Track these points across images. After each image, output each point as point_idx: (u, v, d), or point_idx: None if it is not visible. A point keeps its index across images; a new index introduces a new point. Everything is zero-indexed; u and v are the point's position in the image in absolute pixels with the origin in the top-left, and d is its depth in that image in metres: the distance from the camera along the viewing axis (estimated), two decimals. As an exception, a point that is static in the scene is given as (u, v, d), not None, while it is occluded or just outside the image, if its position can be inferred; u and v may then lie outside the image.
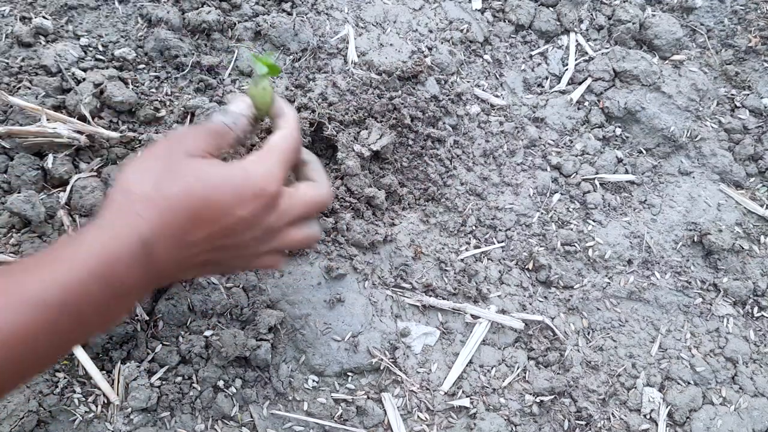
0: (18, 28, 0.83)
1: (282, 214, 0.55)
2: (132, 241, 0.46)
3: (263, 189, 0.52)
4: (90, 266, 0.44)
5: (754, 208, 0.85)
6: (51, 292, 0.43)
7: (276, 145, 0.56)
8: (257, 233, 0.53)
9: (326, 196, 0.59)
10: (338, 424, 0.66)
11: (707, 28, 0.95)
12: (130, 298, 0.48)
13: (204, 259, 0.52)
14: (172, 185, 0.48)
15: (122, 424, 0.64)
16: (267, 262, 0.58)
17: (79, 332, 0.46)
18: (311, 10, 0.89)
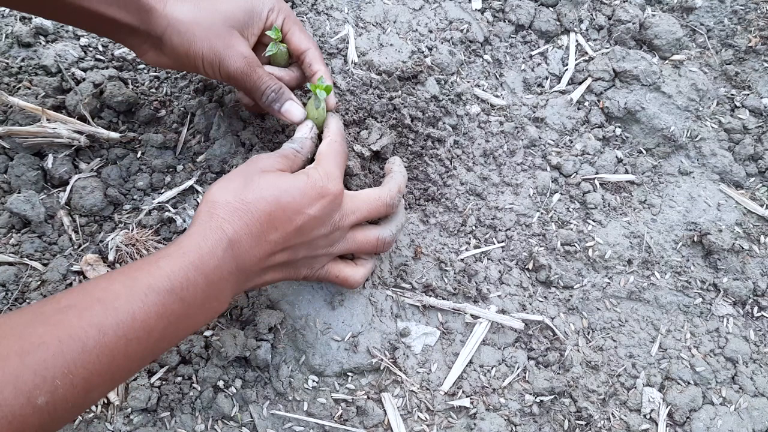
0: (18, 28, 0.83)
1: (347, 212, 0.62)
2: (221, 239, 0.53)
3: (325, 187, 0.59)
4: (190, 259, 0.52)
5: (754, 208, 0.85)
6: (160, 280, 0.49)
7: (325, 151, 0.64)
8: (325, 230, 0.60)
9: (386, 196, 0.65)
10: (338, 424, 0.66)
11: (707, 28, 0.95)
12: (224, 292, 0.54)
13: (282, 260, 0.59)
14: (249, 194, 0.56)
15: (122, 425, 0.64)
16: (336, 271, 0.64)
17: (186, 320, 0.51)
18: (311, 10, 0.89)
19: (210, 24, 0.63)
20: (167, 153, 0.78)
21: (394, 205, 0.66)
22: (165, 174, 0.77)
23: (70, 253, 0.72)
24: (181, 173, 0.77)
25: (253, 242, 0.55)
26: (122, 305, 0.47)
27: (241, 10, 0.65)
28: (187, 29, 0.63)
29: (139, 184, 0.76)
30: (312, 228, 0.59)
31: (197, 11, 0.63)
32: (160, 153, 0.78)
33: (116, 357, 0.46)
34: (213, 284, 0.52)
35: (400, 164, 0.72)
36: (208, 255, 0.53)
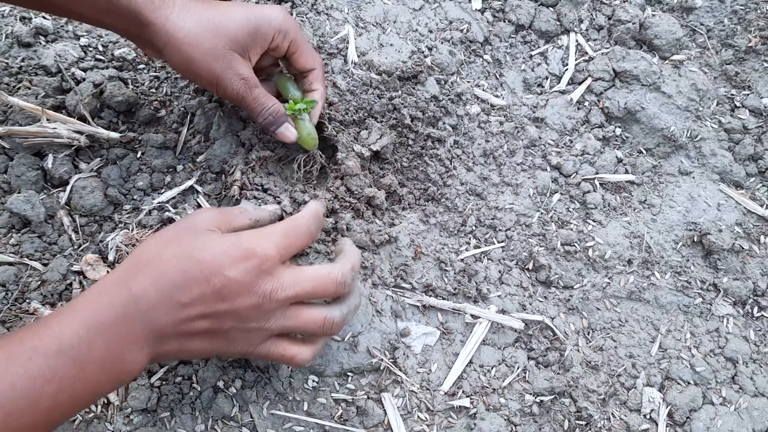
0: (18, 28, 0.83)
1: (284, 284, 0.54)
2: (121, 294, 0.49)
3: (251, 250, 0.53)
4: (83, 316, 0.48)
5: (754, 208, 0.85)
6: (47, 341, 0.45)
7: (279, 223, 0.58)
8: (253, 300, 0.53)
9: (337, 273, 0.57)
10: (338, 424, 0.66)
11: (707, 28, 0.94)
12: (130, 352, 0.49)
13: (205, 328, 0.52)
14: (166, 250, 0.52)
15: (122, 425, 0.64)
16: (280, 350, 0.57)
17: (82, 384, 0.47)
18: (311, 10, 0.89)
19: (210, 46, 0.62)
20: (167, 153, 0.78)
21: (346, 284, 0.57)
22: (165, 174, 0.77)
23: (70, 253, 0.72)
24: (181, 173, 0.77)
25: (164, 301, 0.50)
26: (3, 367, 0.43)
27: (244, 32, 0.64)
28: (187, 49, 0.62)
29: (139, 184, 0.76)
30: (235, 293, 0.52)
31: (198, 30, 0.62)
32: (160, 153, 0.78)
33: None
34: (113, 342, 0.48)
35: (352, 244, 0.64)
36: (105, 310, 0.48)
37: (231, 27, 0.63)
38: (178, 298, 0.50)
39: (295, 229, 0.58)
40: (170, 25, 0.61)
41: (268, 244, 0.54)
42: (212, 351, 0.55)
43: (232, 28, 0.63)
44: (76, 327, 0.47)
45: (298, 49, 0.68)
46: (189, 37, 0.61)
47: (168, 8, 0.61)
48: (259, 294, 0.53)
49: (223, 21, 0.63)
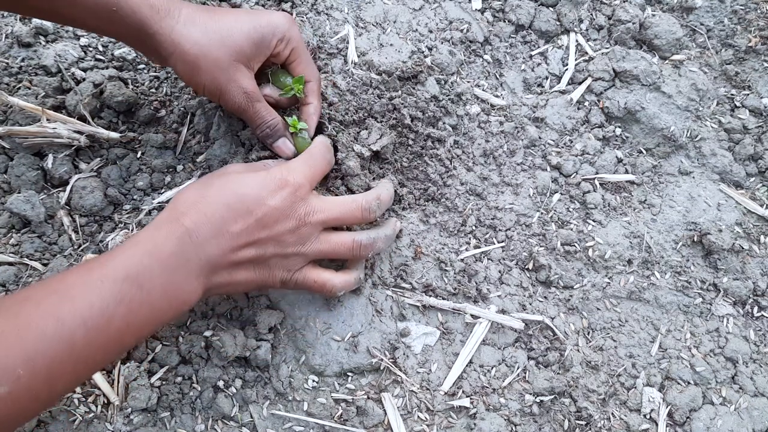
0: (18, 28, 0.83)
1: (315, 209, 0.61)
2: (176, 228, 0.54)
3: (284, 179, 0.59)
4: (144, 247, 0.52)
5: (754, 208, 0.85)
6: (113, 269, 0.50)
7: (299, 157, 0.65)
8: (291, 224, 0.59)
9: (362, 200, 0.64)
10: (338, 424, 0.66)
11: (707, 28, 0.94)
12: (188, 281, 0.54)
13: (251, 256, 0.58)
14: (208, 189, 0.58)
15: (122, 425, 0.64)
16: (314, 275, 0.63)
17: (148, 308, 0.51)
18: (311, 10, 0.89)
19: (215, 57, 0.63)
20: (167, 153, 0.78)
21: (371, 209, 0.65)
22: (165, 174, 0.77)
23: (70, 253, 0.72)
24: (181, 173, 0.77)
25: (214, 233, 0.55)
26: (78, 294, 0.47)
27: (249, 42, 0.64)
28: (192, 60, 0.63)
29: (139, 184, 0.76)
30: (275, 220, 0.58)
31: (204, 41, 0.63)
32: (160, 153, 0.78)
33: (76, 345, 0.46)
34: (172, 271, 0.52)
35: (387, 182, 0.71)
36: (163, 242, 0.53)
37: (236, 37, 0.64)
38: (226, 229, 0.56)
39: (313, 159, 0.65)
40: (176, 36, 0.62)
41: (297, 173, 0.61)
42: (256, 281, 0.60)
43: (238, 38, 0.64)
44: (139, 256, 0.52)
45: (297, 59, 0.69)
46: (195, 48, 0.62)
47: (173, 18, 0.62)
48: (295, 218, 0.59)
49: (229, 31, 0.64)
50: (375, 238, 0.66)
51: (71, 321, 0.46)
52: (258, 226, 0.57)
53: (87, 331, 0.46)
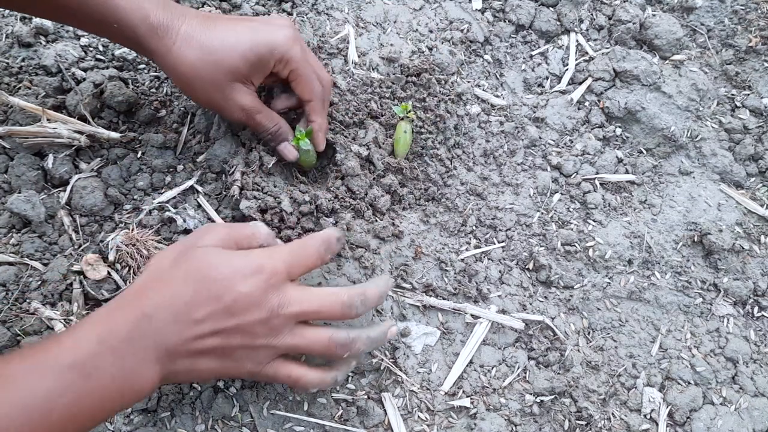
0: (18, 28, 0.83)
1: (291, 300, 0.55)
2: (134, 312, 0.51)
3: (261, 266, 0.54)
4: (96, 332, 0.49)
5: (754, 208, 0.85)
6: (61, 355, 0.47)
7: (289, 243, 0.60)
8: (261, 314, 0.53)
9: (344, 295, 0.57)
10: (338, 424, 0.66)
11: (707, 28, 0.94)
12: (142, 371, 0.50)
13: (215, 345, 0.53)
14: (178, 268, 0.53)
15: (122, 425, 0.64)
16: (286, 370, 0.58)
17: (94, 399, 0.48)
18: (311, 10, 0.89)
19: (211, 78, 0.63)
20: (167, 153, 0.78)
21: (353, 306, 0.57)
22: (165, 174, 0.77)
23: (71, 253, 0.72)
24: (182, 173, 0.77)
25: (175, 318, 0.51)
26: (20, 378, 0.45)
27: (246, 64, 0.63)
28: (188, 80, 0.63)
29: (140, 184, 0.76)
30: (244, 308, 0.53)
31: (199, 64, 0.62)
32: (161, 153, 0.78)
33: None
34: (125, 358, 0.49)
35: (382, 278, 0.63)
36: (118, 326, 0.49)
37: (233, 58, 0.63)
38: (189, 315, 0.51)
39: (303, 249, 0.59)
40: (171, 58, 0.62)
41: (277, 260, 0.56)
42: (221, 371, 0.55)
43: (234, 60, 0.63)
44: (89, 341, 0.48)
45: (297, 79, 0.68)
46: (190, 71, 0.62)
47: (170, 39, 0.61)
48: (267, 308, 0.54)
49: (226, 52, 0.62)
50: (355, 339, 0.59)
51: (9, 407, 0.43)
52: (225, 314, 0.52)
53: (27, 420, 0.44)
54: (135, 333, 0.50)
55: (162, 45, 0.61)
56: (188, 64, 0.62)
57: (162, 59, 0.62)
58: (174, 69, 0.63)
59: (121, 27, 0.60)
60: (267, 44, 0.64)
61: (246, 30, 0.64)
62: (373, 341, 0.61)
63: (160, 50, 0.61)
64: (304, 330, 0.57)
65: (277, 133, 0.70)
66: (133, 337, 0.50)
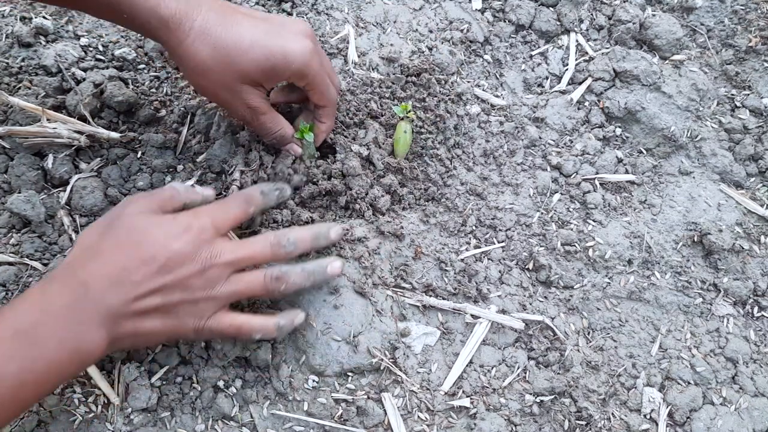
0: (18, 28, 0.83)
1: (223, 250, 0.58)
2: (69, 282, 0.52)
3: (189, 224, 0.57)
4: (34, 300, 0.51)
5: (754, 208, 0.85)
6: (4, 325, 0.48)
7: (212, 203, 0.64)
8: (196, 267, 0.56)
9: (272, 236, 0.62)
10: (338, 424, 0.66)
11: (707, 28, 0.94)
12: (88, 333, 0.52)
13: (156, 304, 0.55)
14: (107, 238, 0.55)
15: (122, 425, 0.64)
16: (228, 320, 0.59)
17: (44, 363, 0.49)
18: (311, 10, 0.89)
19: (219, 77, 0.62)
20: (167, 153, 0.78)
21: (280, 245, 0.61)
22: (165, 174, 0.77)
23: (71, 253, 0.72)
24: (182, 173, 0.77)
25: (113, 282, 0.53)
26: None
27: (258, 70, 0.62)
28: (198, 75, 0.62)
29: (140, 184, 0.76)
30: (178, 264, 0.55)
31: (210, 62, 0.61)
32: (161, 153, 0.78)
33: None
34: (67, 323, 0.50)
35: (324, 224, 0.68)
36: (56, 296, 0.51)
37: (244, 62, 0.61)
38: (127, 278, 0.53)
39: (225, 205, 0.63)
40: (182, 51, 0.60)
41: (202, 217, 0.59)
42: (166, 330, 0.56)
43: (246, 63, 0.61)
44: (30, 311, 0.50)
45: (313, 89, 0.67)
46: (199, 67, 0.61)
47: (184, 33, 0.60)
48: (200, 261, 0.56)
49: (239, 56, 0.61)
50: (288, 271, 0.61)
51: None
52: (161, 272, 0.54)
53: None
54: (74, 300, 0.51)
55: (174, 37, 0.60)
56: (199, 61, 0.61)
57: (173, 52, 0.61)
58: (184, 63, 0.62)
59: (131, 17, 0.59)
60: (284, 56, 0.62)
61: (263, 34, 0.62)
62: (310, 273, 0.63)
63: (171, 43, 0.60)
64: (241, 275, 0.60)
65: (283, 137, 0.70)
66: (73, 303, 0.51)
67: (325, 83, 0.68)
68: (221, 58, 0.61)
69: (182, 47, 0.60)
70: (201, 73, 0.62)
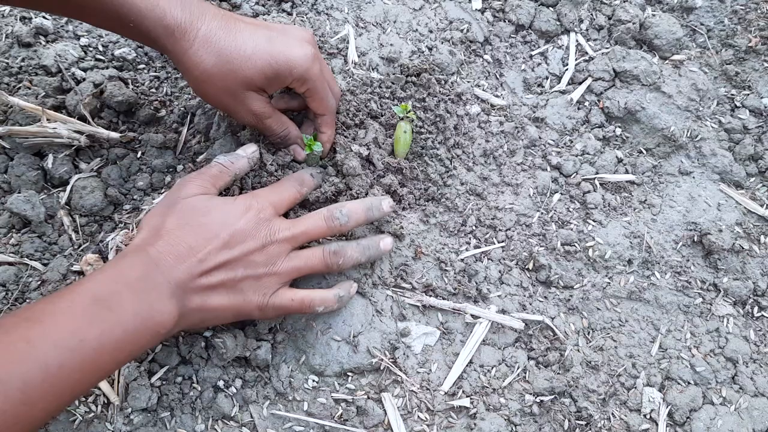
0: (18, 28, 0.83)
1: (281, 227, 0.62)
2: (141, 256, 0.55)
3: (249, 205, 0.61)
4: (109, 273, 0.53)
5: (754, 208, 0.85)
6: (81, 294, 0.51)
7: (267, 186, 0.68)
8: (256, 243, 0.60)
9: (325, 210, 0.65)
10: (338, 424, 0.66)
11: (707, 28, 0.95)
12: (160, 303, 0.54)
13: (221, 280, 0.58)
14: (173, 216, 0.59)
15: (122, 425, 0.64)
16: (290, 295, 0.63)
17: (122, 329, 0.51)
18: (311, 10, 0.89)
19: (224, 85, 0.63)
20: (167, 153, 0.78)
21: (333, 218, 0.64)
22: (165, 174, 0.77)
23: (70, 253, 0.72)
24: (182, 173, 0.77)
25: (180, 259, 0.56)
26: (48, 318, 0.48)
27: (262, 77, 0.63)
28: (202, 83, 0.63)
29: (140, 184, 0.76)
30: (240, 241, 0.59)
31: (214, 70, 0.62)
32: (161, 153, 0.78)
33: (50, 367, 0.46)
34: (141, 294, 0.53)
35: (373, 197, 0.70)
36: (129, 269, 0.54)
37: (248, 70, 0.62)
38: (193, 256, 0.56)
39: (281, 186, 0.67)
40: (186, 60, 0.62)
41: (261, 198, 0.63)
42: (232, 307, 0.59)
43: (250, 71, 0.63)
44: (105, 281, 0.52)
45: (312, 96, 0.68)
46: (203, 76, 0.62)
47: (187, 42, 0.61)
48: (261, 237, 0.60)
49: (242, 63, 0.62)
50: (344, 245, 0.65)
51: (42, 343, 0.46)
52: (224, 248, 0.58)
53: (59, 353, 0.46)
54: (146, 273, 0.54)
55: (179, 47, 0.61)
56: (203, 69, 0.62)
57: (178, 60, 0.62)
58: (189, 71, 0.63)
59: (137, 26, 0.60)
60: (286, 62, 0.63)
61: (265, 42, 0.63)
62: (365, 248, 0.67)
63: (176, 51, 0.61)
64: (300, 252, 0.63)
65: (287, 138, 0.71)
66: (144, 276, 0.53)
67: (324, 90, 0.69)
68: (225, 65, 0.62)
69: (187, 56, 0.61)
70: (205, 81, 0.63)
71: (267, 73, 0.63)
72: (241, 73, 0.62)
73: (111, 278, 0.53)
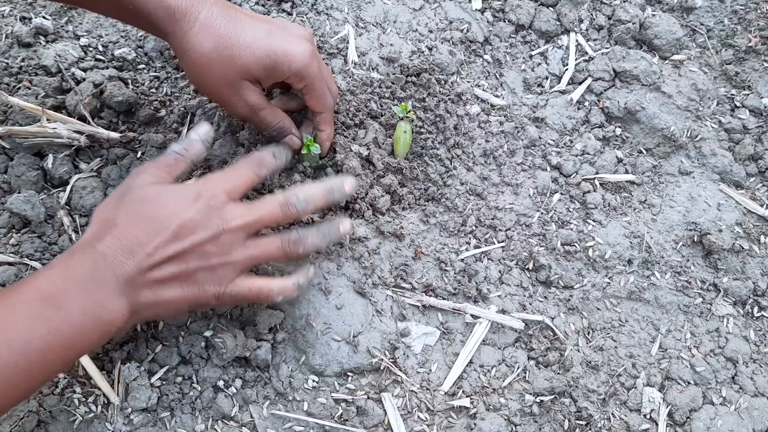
0: (18, 28, 0.83)
1: (235, 215, 0.59)
2: (89, 253, 0.53)
3: (199, 192, 0.58)
4: (56, 271, 0.52)
5: (754, 208, 0.85)
6: (28, 292, 0.50)
7: (221, 171, 0.64)
8: (208, 233, 0.57)
9: (281, 196, 0.62)
10: (338, 424, 0.66)
11: (707, 28, 0.95)
12: (110, 301, 0.53)
13: (173, 273, 0.56)
14: (120, 211, 0.57)
15: (122, 425, 0.64)
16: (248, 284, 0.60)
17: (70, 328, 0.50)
18: (311, 10, 0.89)
19: (221, 72, 0.62)
20: (167, 153, 0.78)
21: (290, 205, 0.61)
22: (165, 174, 0.77)
23: (70, 253, 0.72)
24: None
25: (129, 253, 0.54)
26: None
27: (260, 67, 0.63)
28: (198, 71, 0.62)
29: (139, 184, 0.76)
30: (191, 231, 0.56)
31: (213, 55, 0.61)
32: (161, 153, 0.78)
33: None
34: (89, 291, 0.51)
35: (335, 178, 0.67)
36: (77, 265, 0.52)
37: (247, 59, 0.62)
38: (142, 249, 0.54)
39: (235, 170, 0.63)
40: (186, 43, 0.61)
41: (211, 185, 0.59)
42: (187, 299, 0.57)
43: (248, 60, 0.62)
44: (53, 279, 0.51)
45: (310, 93, 0.68)
46: (201, 60, 0.61)
47: (188, 24, 0.60)
48: (212, 227, 0.57)
49: (241, 50, 0.61)
50: (304, 233, 0.62)
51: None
52: (173, 240, 0.55)
53: (9, 354, 0.46)
54: (93, 270, 0.52)
55: (179, 28, 0.60)
56: (202, 53, 0.61)
57: (177, 42, 0.61)
58: (187, 55, 0.62)
59: (136, 8, 0.59)
60: (285, 56, 0.63)
61: (265, 33, 0.63)
62: (325, 234, 0.64)
63: (176, 33, 0.60)
64: (257, 240, 0.60)
65: (282, 130, 0.70)
66: (92, 272, 0.52)
67: (322, 88, 0.68)
68: (224, 50, 0.61)
69: (186, 38, 0.60)
70: (203, 65, 0.62)
71: (265, 63, 0.62)
72: (239, 61, 0.61)
73: (59, 276, 0.51)
